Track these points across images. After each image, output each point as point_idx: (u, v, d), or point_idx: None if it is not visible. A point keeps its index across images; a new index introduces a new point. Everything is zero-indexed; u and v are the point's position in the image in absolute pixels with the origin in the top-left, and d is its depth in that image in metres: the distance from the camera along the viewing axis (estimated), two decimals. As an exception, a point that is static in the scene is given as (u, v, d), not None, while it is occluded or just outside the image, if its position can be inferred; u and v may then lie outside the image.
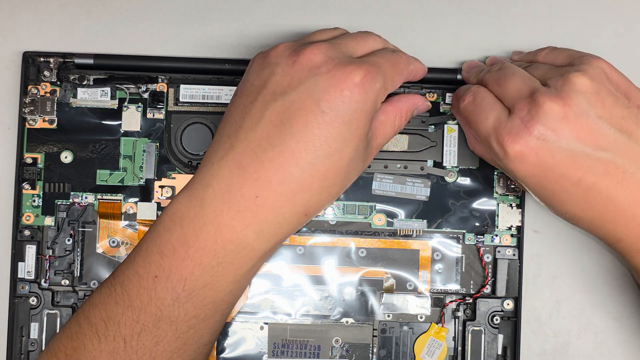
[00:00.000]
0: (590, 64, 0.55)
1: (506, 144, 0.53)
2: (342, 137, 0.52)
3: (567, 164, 0.53)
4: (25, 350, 0.64)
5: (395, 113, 0.57)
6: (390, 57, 0.56)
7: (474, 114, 0.57)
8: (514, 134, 0.53)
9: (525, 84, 0.55)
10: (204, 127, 0.65)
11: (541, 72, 0.57)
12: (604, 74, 0.55)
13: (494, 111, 0.55)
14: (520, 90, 0.55)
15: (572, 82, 0.53)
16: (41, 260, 0.64)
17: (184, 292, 0.52)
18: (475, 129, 0.57)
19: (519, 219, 0.65)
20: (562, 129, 0.52)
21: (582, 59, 0.56)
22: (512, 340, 0.65)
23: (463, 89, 0.60)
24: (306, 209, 0.53)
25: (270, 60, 0.54)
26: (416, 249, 0.65)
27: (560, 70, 0.55)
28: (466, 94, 0.58)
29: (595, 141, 0.53)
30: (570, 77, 0.54)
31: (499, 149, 0.54)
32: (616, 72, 0.56)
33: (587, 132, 0.53)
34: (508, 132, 0.53)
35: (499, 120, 0.55)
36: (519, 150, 0.53)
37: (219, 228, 0.52)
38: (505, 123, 0.54)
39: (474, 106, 0.57)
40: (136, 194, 0.65)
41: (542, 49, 0.61)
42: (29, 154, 0.65)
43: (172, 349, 0.53)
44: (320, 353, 0.65)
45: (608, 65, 0.56)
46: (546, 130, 0.52)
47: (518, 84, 0.55)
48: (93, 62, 0.65)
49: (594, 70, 0.55)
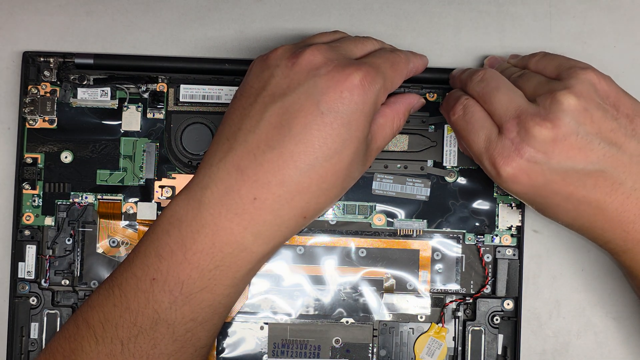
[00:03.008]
0: (578, 78, 0.55)
1: (498, 165, 0.54)
2: (342, 138, 0.52)
3: (558, 182, 0.54)
4: (25, 350, 0.64)
5: (393, 115, 0.57)
6: (388, 57, 0.56)
7: (465, 130, 0.57)
8: (505, 156, 0.54)
9: (511, 100, 0.55)
10: (204, 127, 0.65)
11: (531, 85, 0.57)
12: (591, 88, 0.55)
13: (484, 129, 0.56)
14: (507, 108, 0.55)
15: (559, 102, 0.53)
16: (41, 260, 0.64)
17: (182, 295, 0.52)
18: (468, 145, 0.57)
19: (519, 219, 0.65)
20: (552, 150, 0.53)
21: (570, 72, 0.56)
22: (512, 340, 0.65)
23: (452, 98, 0.59)
24: (305, 211, 0.53)
25: (270, 62, 0.54)
26: (416, 249, 0.65)
27: (549, 86, 0.55)
28: (455, 107, 0.58)
29: (585, 157, 0.53)
30: (558, 96, 0.54)
31: (492, 169, 0.55)
32: (605, 82, 0.56)
33: (576, 150, 0.53)
34: (499, 153, 0.54)
35: (489, 140, 0.55)
36: (510, 173, 0.54)
37: (217, 231, 0.52)
38: (495, 144, 0.55)
39: (464, 122, 0.57)
40: (136, 194, 0.65)
41: (534, 55, 0.60)
42: (29, 154, 0.65)
43: (169, 352, 0.53)
44: (320, 353, 0.65)
45: (596, 75, 0.56)
46: (536, 153, 0.53)
47: (504, 101, 0.55)
48: (93, 62, 0.65)
49: (581, 85, 0.54)
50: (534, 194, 0.55)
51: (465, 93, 0.59)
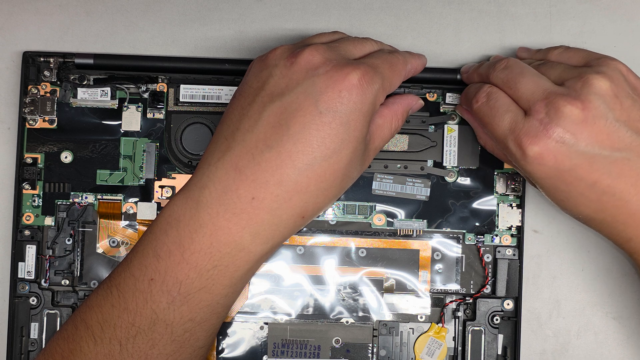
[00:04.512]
0: (609, 65, 0.55)
1: (525, 145, 0.53)
2: (340, 138, 0.52)
3: (584, 167, 0.53)
4: (25, 350, 0.64)
5: (392, 115, 0.57)
6: (387, 58, 0.56)
7: (489, 116, 0.57)
8: (532, 135, 0.53)
9: (538, 84, 0.55)
10: (204, 127, 0.65)
11: (557, 71, 0.56)
12: (622, 76, 0.55)
13: (509, 113, 0.55)
14: (534, 92, 0.54)
15: (591, 85, 0.53)
16: (41, 260, 0.64)
17: (180, 295, 0.52)
18: (491, 130, 0.57)
19: (519, 219, 0.65)
20: (581, 132, 0.52)
21: (600, 61, 0.56)
22: (512, 340, 0.65)
23: (473, 88, 0.59)
24: (303, 211, 0.53)
25: (269, 62, 0.54)
26: (416, 249, 0.65)
27: (577, 71, 0.55)
28: (479, 94, 0.58)
29: (612, 144, 0.53)
30: (590, 79, 0.54)
31: (517, 150, 0.54)
32: (633, 74, 0.56)
33: (605, 135, 0.53)
34: (526, 133, 0.53)
35: (515, 121, 0.54)
36: (537, 152, 0.53)
37: (215, 230, 0.52)
38: (522, 124, 0.54)
39: (488, 107, 0.57)
40: (136, 194, 0.65)
41: (554, 48, 0.61)
42: (29, 154, 0.65)
43: (167, 352, 0.53)
44: (320, 353, 0.65)
45: (625, 67, 0.56)
46: (565, 133, 0.52)
47: (530, 85, 0.55)
48: (93, 62, 0.65)
49: (612, 72, 0.55)
50: (557, 179, 0.54)
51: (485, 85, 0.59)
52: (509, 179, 0.65)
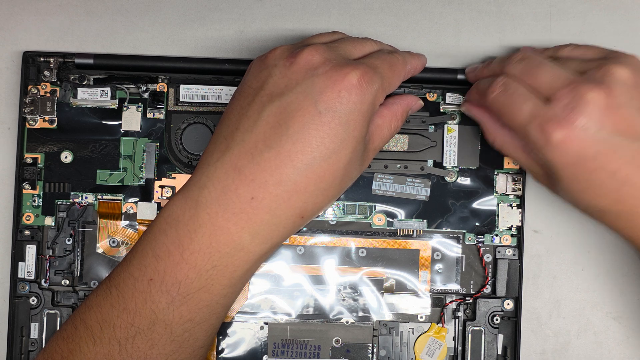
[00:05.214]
0: (627, 58, 0.56)
1: (549, 130, 0.53)
2: (339, 138, 0.52)
3: (607, 154, 0.53)
4: (26, 350, 0.64)
5: (391, 116, 0.57)
6: (386, 58, 0.56)
7: (508, 104, 0.56)
8: (557, 121, 0.53)
9: (559, 73, 0.55)
10: (204, 127, 0.65)
11: (574, 64, 0.56)
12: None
13: (530, 100, 0.55)
14: (556, 80, 0.54)
15: (613, 73, 0.53)
16: (41, 260, 0.64)
17: (179, 295, 0.52)
18: (510, 119, 0.56)
19: (519, 219, 0.65)
20: (605, 118, 0.52)
21: (616, 54, 0.57)
22: (512, 340, 0.65)
23: (486, 81, 0.59)
24: (302, 211, 0.53)
25: (268, 62, 0.54)
26: (416, 249, 0.65)
27: (597, 62, 0.55)
28: (494, 85, 0.57)
29: (634, 133, 0.53)
30: (611, 68, 0.54)
31: (541, 135, 0.54)
32: None
33: (627, 124, 0.53)
34: (550, 119, 0.53)
35: (537, 108, 0.54)
36: (561, 138, 0.53)
37: (214, 230, 0.51)
38: (545, 111, 0.53)
39: (505, 96, 0.56)
40: (136, 194, 0.65)
41: (564, 46, 0.61)
42: (29, 154, 0.65)
43: (167, 352, 0.53)
44: (320, 353, 0.65)
45: None
46: (589, 120, 0.52)
47: (551, 74, 0.55)
48: (93, 62, 0.65)
49: (631, 64, 0.55)
50: (579, 166, 0.53)
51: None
52: (510, 179, 0.65)
